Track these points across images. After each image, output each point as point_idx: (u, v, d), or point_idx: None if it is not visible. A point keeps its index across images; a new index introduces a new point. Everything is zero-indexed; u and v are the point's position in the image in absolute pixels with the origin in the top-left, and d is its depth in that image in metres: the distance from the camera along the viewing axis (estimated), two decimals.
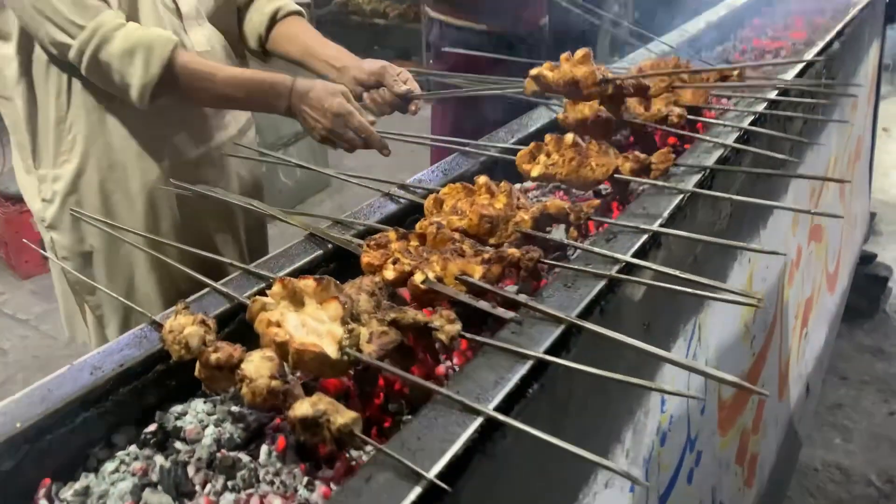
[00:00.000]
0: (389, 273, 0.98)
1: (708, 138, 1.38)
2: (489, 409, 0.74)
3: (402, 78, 1.59)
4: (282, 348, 0.86)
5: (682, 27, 2.40)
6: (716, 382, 1.55)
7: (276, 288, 0.92)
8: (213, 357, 0.81)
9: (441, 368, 1.00)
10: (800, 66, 1.86)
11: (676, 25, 2.45)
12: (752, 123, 1.50)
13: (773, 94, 1.66)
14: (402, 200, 1.31)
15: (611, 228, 1.12)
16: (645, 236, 1.09)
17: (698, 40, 2.34)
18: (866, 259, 3.57)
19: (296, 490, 0.83)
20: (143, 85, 1.35)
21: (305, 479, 0.84)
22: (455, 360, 1.02)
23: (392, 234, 1.09)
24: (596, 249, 1.05)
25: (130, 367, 0.90)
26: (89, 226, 1.47)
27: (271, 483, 0.83)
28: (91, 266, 1.54)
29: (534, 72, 1.37)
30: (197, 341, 0.88)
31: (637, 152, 1.25)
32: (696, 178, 1.25)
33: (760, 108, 1.59)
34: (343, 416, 0.73)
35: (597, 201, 1.22)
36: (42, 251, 1.58)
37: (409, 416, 0.91)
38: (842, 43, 2.21)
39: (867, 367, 3.21)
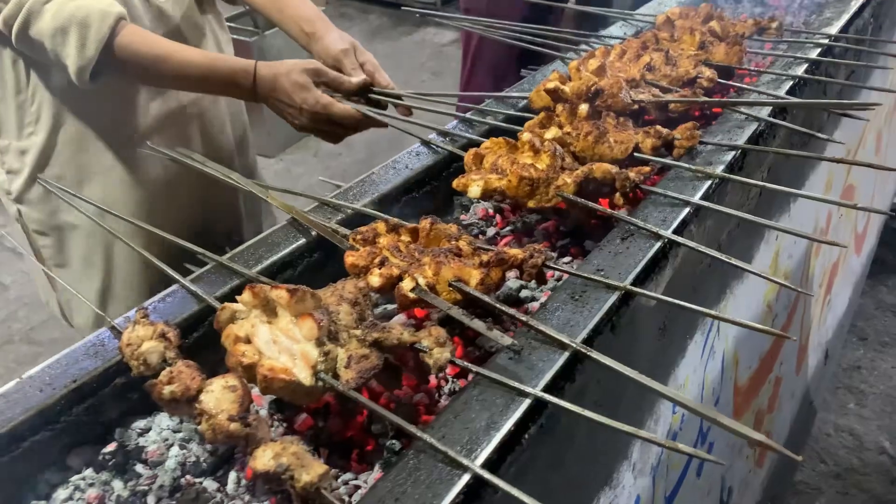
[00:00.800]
0: (375, 279, 0.87)
1: (742, 110, 1.23)
2: (476, 465, 0.64)
3: (368, 66, 1.36)
4: (249, 371, 0.77)
5: None
6: (732, 370, 1.46)
7: (246, 295, 0.82)
8: (167, 391, 0.72)
9: (434, 381, 0.91)
10: (846, 18, 1.68)
11: None
12: (789, 90, 1.35)
13: (814, 54, 1.49)
14: (415, 163, 1.21)
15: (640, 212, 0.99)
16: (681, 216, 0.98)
17: None
18: None
19: None
20: (79, 68, 1.19)
21: None
22: (449, 370, 0.93)
23: (381, 227, 0.97)
24: (640, 220, 0.94)
25: (85, 382, 0.81)
26: (62, 200, 1.36)
27: None
28: (66, 243, 1.44)
29: (549, 85, 1.20)
30: (156, 358, 0.79)
31: (659, 126, 1.11)
32: (728, 157, 1.12)
33: (800, 70, 1.43)
34: (309, 473, 0.64)
35: (647, 168, 1.09)
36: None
37: (395, 441, 0.82)
38: None
39: (889, 326, 3.11)
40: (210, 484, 0.79)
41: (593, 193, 1.03)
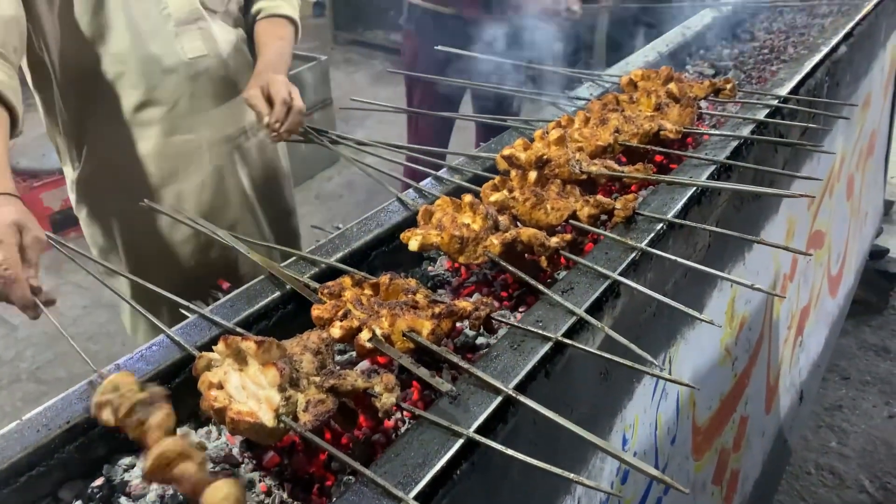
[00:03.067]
0: (336, 331, 0.98)
1: (678, 179, 1.34)
2: (410, 497, 0.74)
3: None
4: (220, 414, 0.87)
5: (684, 25, 2.33)
6: (689, 410, 1.55)
7: (221, 346, 0.92)
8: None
9: (390, 422, 1.01)
10: (798, 77, 1.80)
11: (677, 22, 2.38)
12: (735, 151, 1.46)
13: (762, 115, 1.61)
14: (387, 220, 1.34)
15: (569, 277, 1.10)
16: (604, 285, 1.08)
17: (694, 43, 2.27)
18: (878, 254, 3.50)
19: None
20: None
21: None
22: (405, 413, 1.03)
23: (347, 281, 1.08)
24: (556, 298, 1.04)
25: (77, 423, 0.91)
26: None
27: None
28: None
29: (505, 152, 1.34)
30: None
31: (600, 197, 1.22)
32: (657, 228, 1.22)
33: (746, 131, 1.54)
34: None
35: (569, 236, 1.21)
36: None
37: (352, 477, 0.92)
38: (850, 45, 2.13)
39: (870, 366, 3.17)
40: None
41: (522, 254, 1.14)
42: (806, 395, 2.50)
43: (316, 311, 1.02)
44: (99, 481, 0.92)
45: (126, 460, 0.95)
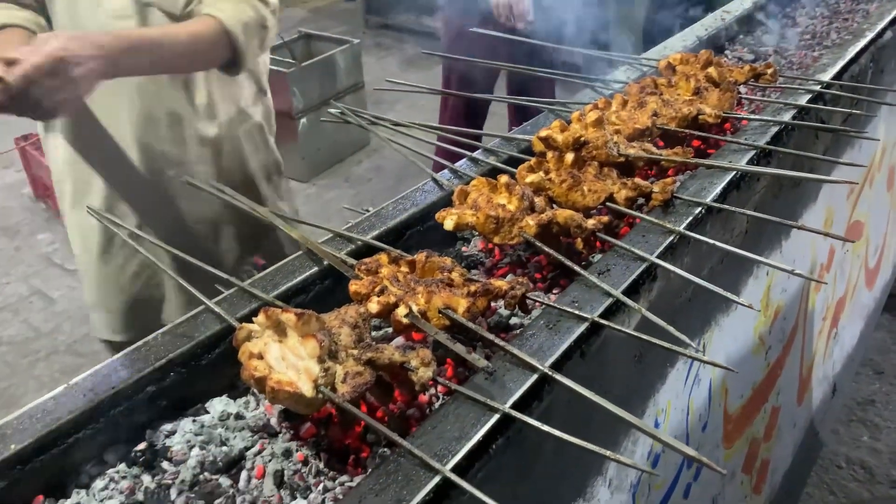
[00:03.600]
0: (374, 306, 0.99)
1: (717, 163, 1.33)
2: (447, 469, 0.75)
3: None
4: (260, 383, 0.89)
5: (724, 9, 2.29)
6: (721, 398, 1.54)
7: (261, 318, 0.94)
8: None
9: (424, 396, 1.02)
10: (840, 64, 1.76)
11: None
12: (774, 137, 1.44)
13: (803, 101, 1.58)
14: (421, 199, 1.34)
15: (605, 260, 1.10)
16: (641, 268, 1.08)
17: (733, 28, 2.23)
18: None
19: None
20: None
21: None
22: (440, 389, 1.04)
23: (383, 258, 1.09)
24: (593, 279, 1.04)
25: (122, 389, 0.94)
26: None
27: None
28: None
29: (542, 133, 1.33)
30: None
31: (638, 180, 1.21)
32: (695, 212, 1.21)
33: (787, 117, 1.52)
34: None
35: (606, 218, 1.21)
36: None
37: (387, 449, 0.93)
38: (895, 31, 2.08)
39: None
40: (224, 480, 0.91)
41: (557, 236, 1.14)
42: (839, 389, 2.47)
43: (353, 287, 1.03)
44: (142, 445, 0.95)
45: (167, 426, 0.97)
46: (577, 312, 0.97)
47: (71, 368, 3.12)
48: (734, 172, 1.29)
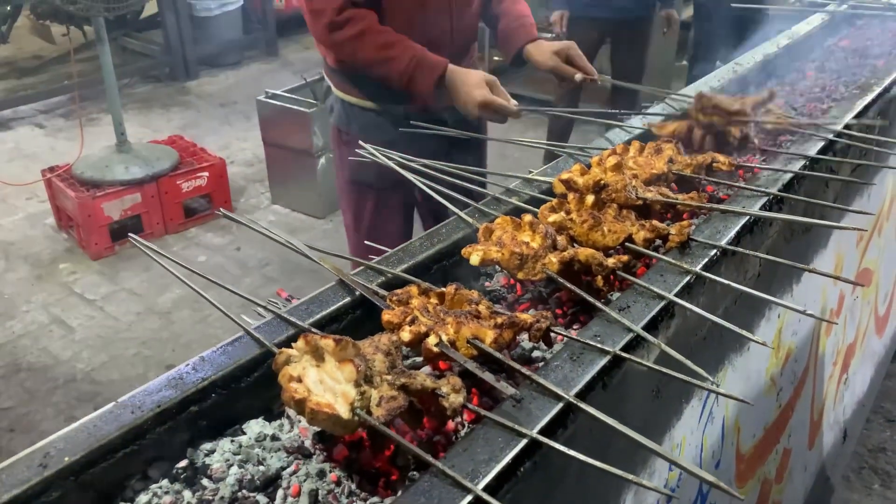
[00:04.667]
0: (406, 335, 1.04)
1: (731, 208, 1.39)
2: (478, 488, 0.80)
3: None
4: (300, 405, 0.94)
5: (736, 62, 2.38)
6: (733, 436, 1.57)
7: (300, 343, 1.00)
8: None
9: (451, 424, 1.07)
10: (850, 115, 1.83)
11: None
12: (786, 184, 1.50)
13: (813, 151, 1.65)
14: (448, 236, 1.41)
15: (625, 297, 1.15)
16: (659, 305, 1.13)
17: (745, 80, 2.32)
18: None
19: None
20: None
21: None
22: (465, 416, 1.08)
23: (414, 290, 1.15)
24: (614, 315, 1.10)
25: (167, 408, 0.99)
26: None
27: None
28: None
29: (564, 176, 1.42)
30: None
31: (655, 222, 1.27)
32: (710, 253, 1.27)
33: (797, 166, 1.58)
34: None
35: (625, 257, 1.27)
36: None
37: (416, 472, 0.97)
38: None
39: None
40: (262, 498, 0.96)
41: (578, 273, 1.20)
42: (850, 434, 2.48)
43: (386, 316, 1.09)
44: (183, 463, 0.99)
45: (207, 445, 1.02)
46: (599, 346, 1.02)
47: (88, 396, 3.17)
48: (747, 217, 1.35)
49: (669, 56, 5.94)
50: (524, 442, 0.87)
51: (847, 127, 1.79)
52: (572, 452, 0.84)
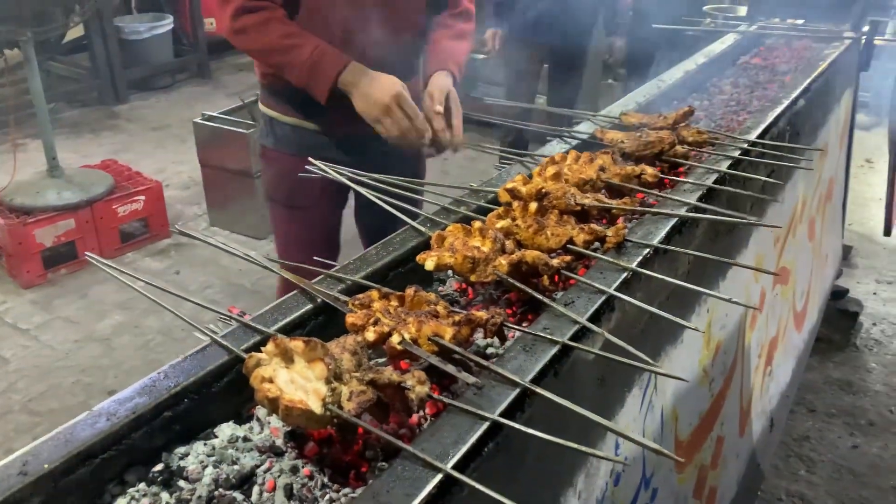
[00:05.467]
0: (371, 335, 1.11)
1: (662, 211, 1.52)
2: (448, 467, 0.87)
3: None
4: (273, 403, 0.99)
5: (659, 79, 2.55)
6: (672, 424, 1.69)
7: (270, 346, 1.05)
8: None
9: (414, 418, 1.13)
10: (763, 126, 2.01)
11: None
12: (707, 193, 1.64)
13: (736, 154, 1.80)
14: (401, 245, 1.48)
15: (568, 294, 1.25)
16: (601, 300, 1.23)
17: (668, 95, 2.49)
18: (838, 294, 3.72)
19: None
20: None
21: None
22: (427, 410, 1.15)
23: (374, 294, 1.22)
24: (561, 309, 1.19)
25: (141, 413, 1.03)
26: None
27: None
28: None
29: (508, 185, 1.51)
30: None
31: (594, 225, 1.38)
32: (644, 252, 1.38)
33: (724, 166, 1.73)
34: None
35: (569, 258, 1.37)
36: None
37: (384, 463, 1.04)
38: (807, 99, 2.36)
39: (835, 399, 3.35)
40: (238, 495, 1.00)
41: (526, 274, 1.30)
42: (776, 423, 2.66)
43: (350, 319, 1.15)
44: (159, 466, 1.03)
45: (181, 449, 1.06)
46: (549, 337, 1.11)
47: (26, 427, 3.08)
48: (675, 219, 1.47)
49: (597, 74, 6.20)
50: (486, 424, 0.94)
51: (761, 136, 1.96)
52: (532, 431, 0.92)
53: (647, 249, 1.37)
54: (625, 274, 1.29)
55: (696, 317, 1.71)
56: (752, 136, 1.92)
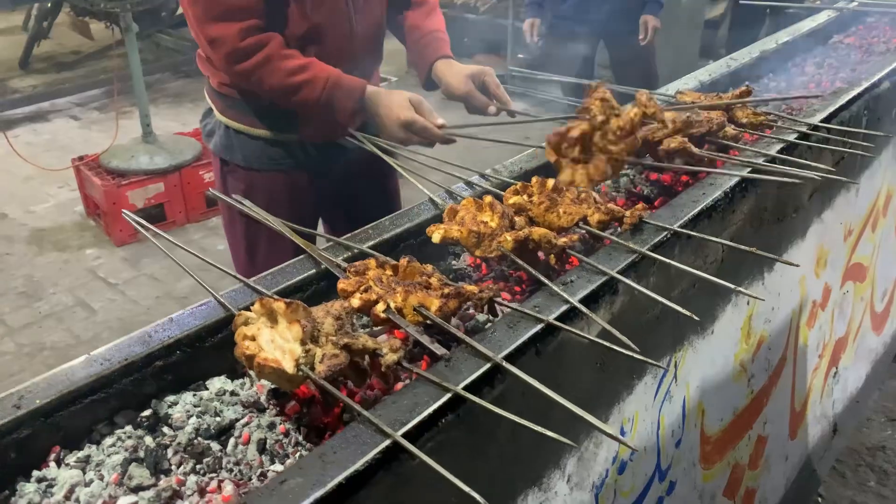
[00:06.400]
0: (356, 301, 1.12)
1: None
2: (398, 434, 0.87)
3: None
4: (249, 360, 1.02)
5: (730, 57, 2.41)
6: (697, 417, 1.62)
7: (257, 306, 1.08)
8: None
9: (399, 385, 1.14)
10: (831, 109, 1.86)
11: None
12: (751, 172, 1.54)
13: (791, 137, 1.68)
14: (417, 216, 1.48)
15: (572, 273, 1.21)
16: (600, 281, 1.19)
17: (739, 74, 2.34)
18: None
19: (249, 479, 0.99)
20: None
21: (259, 470, 1.00)
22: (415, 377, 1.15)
23: (371, 262, 1.23)
24: (555, 288, 1.16)
25: (133, 361, 1.08)
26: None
27: (230, 471, 1.00)
28: None
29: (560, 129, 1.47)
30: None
31: (611, 205, 1.33)
32: (661, 235, 1.31)
33: (775, 150, 1.62)
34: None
35: (576, 237, 1.33)
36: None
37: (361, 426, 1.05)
38: (894, 82, 2.16)
39: None
40: (214, 445, 1.04)
41: (534, 252, 1.26)
42: (840, 429, 2.49)
43: (341, 284, 1.16)
44: (147, 412, 1.08)
45: (171, 398, 1.11)
46: (535, 314, 1.08)
47: None
48: (702, 204, 1.39)
49: (692, 56, 5.93)
50: (447, 396, 0.94)
51: (826, 120, 1.81)
52: (498, 410, 0.90)
53: (665, 233, 1.31)
54: (632, 256, 1.24)
55: (733, 307, 1.62)
56: (816, 120, 1.78)
